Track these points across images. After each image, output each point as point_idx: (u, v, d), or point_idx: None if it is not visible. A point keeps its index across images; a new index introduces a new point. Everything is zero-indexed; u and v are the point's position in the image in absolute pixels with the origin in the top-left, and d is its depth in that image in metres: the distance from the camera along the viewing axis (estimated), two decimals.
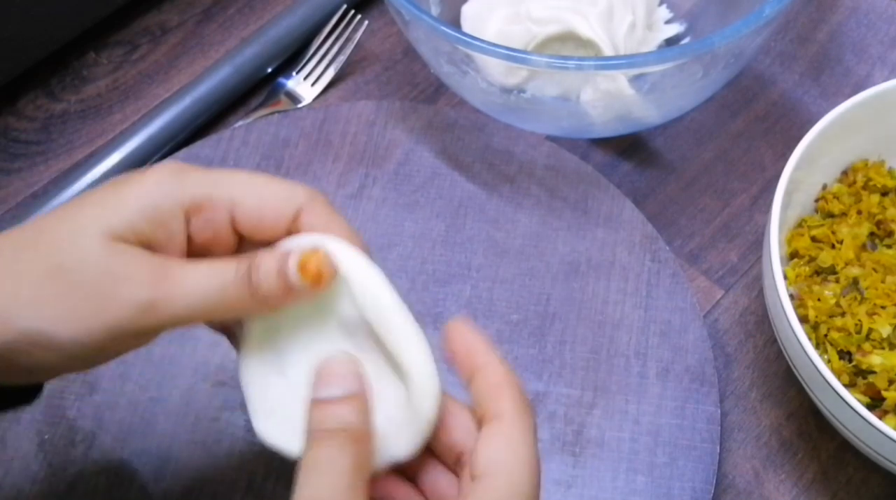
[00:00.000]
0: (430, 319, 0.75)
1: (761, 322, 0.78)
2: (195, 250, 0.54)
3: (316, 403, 0.50)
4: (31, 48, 0.89)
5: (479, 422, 0.51)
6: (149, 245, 0.51)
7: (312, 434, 0.49)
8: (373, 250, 0.76)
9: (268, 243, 0.54)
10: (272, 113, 0.88)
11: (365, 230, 0.78)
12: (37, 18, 0.87)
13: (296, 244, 0.52)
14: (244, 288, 0.51)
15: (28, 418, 0.71)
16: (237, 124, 0.86)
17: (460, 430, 0.52)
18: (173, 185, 0.52)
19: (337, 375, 0.50)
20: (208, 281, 0.50)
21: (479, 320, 0.75)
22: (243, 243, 0.55)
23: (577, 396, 0.72)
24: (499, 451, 0.49)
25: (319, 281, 0.51)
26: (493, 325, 0.75)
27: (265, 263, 0.51)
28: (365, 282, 0.52)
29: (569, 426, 0.71)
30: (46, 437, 0.71)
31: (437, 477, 0.53)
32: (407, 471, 0.53)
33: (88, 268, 0.50)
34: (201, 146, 0.83)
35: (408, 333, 0.52)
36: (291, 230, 0.54)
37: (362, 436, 0.49)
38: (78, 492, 0.69)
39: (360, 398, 0.50)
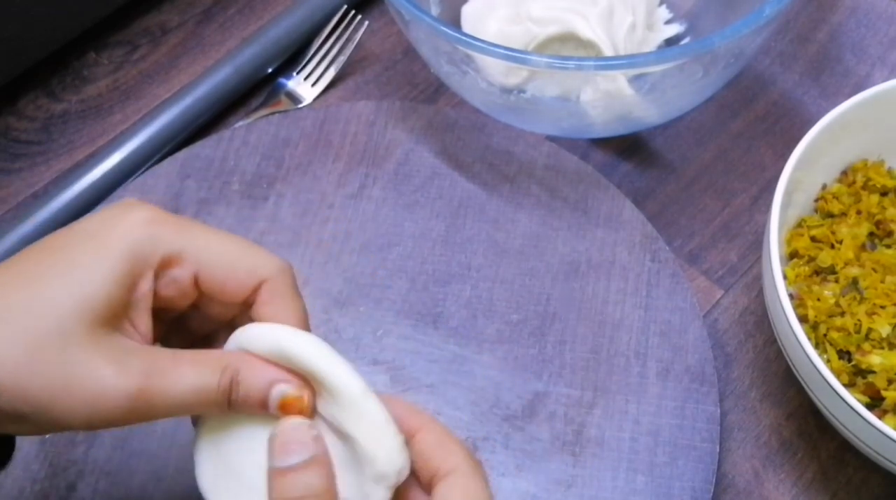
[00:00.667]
0: (430, 319, 0.75)
1: (761, 322, 0.78)
2: (157, 304, 0.53)
3: (277, 472, 0.50)
4: (31, 48, 0.89)
5: (427, 484, 0.51)
6: (123, 307, 0.51)
7: None
8: (373, 250, 0.77)
9: (224, 303, 0.55)
10: (272, 113, 0.88)
11: (365, 230, 0.79)
12: (37, 18, 0.86)
13: (269, 376, 0.52)
14: (222, 399, 0.51)
15: None
16: (237, 124, 0.86)
17: (413, 493, 0.52)
18: (147, 243, 0.52)
19: (294, 441, 0.50)
20: (191, 383, 0.50)
21: (479, 321, 0.75)
22: (201, 297, 0.55)
23: (577, 396, 0.72)
24: None
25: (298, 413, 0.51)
26: (492, 325, 0.75)
27: (247, 384, 0.51)
28: (333, 374, 0.51)
29: (569, 426, 0.71)
30: (47, 437, 0.70)
31: None
32: None
33: (72, 358, 0.49)
34: (202, 146, 0.83)
35: (374, 420, 0.50)
36: (249, 301, 0.54)
37: (327, 499, 0.49)
38: (79, 492, 0.69)
39: (321, 461, 0.50)
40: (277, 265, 0.55)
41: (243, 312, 0.55)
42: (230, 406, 0.51)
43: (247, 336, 0.53)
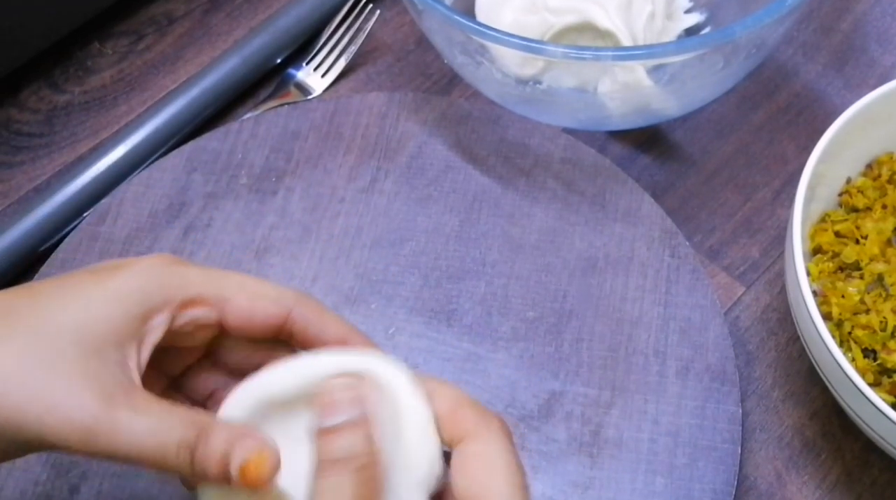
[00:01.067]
0: (443, 316, 0.75)
1: (784, 319, 0.78)
2: (171, 338, 0.54)
3: (320, 432, 0.49)
4: (33, 38, 0.89)
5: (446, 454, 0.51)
6: (127, 338, 0.51)
7: (319, 465, 0.48)
8: (385, 245, 0.76)
9: (253, 339, 0.56)
10: (281, 104, 0.87)
11: (377, 225, 0.78)
12: (40, 8, 0.86)
13: (234, 434, 0.50)
14: (185, 458, 0.50)
15: None
16: (246, 116, 0.86)
17: None
18: (163, 279, 0.53)
19: (339, 402, 0.49)
20: (152, 435, 0.49)
21: (494, 318, 0.75)
22: (220, 336, 0.56)
23: (595, 395, 0.72)
24: (477, 473, 0.49)
25: (256, 486, 0.49)
26: (508, 322, 0.75)
27: (213, 442, 0.50)
28: (379, 372, 0.51)
29: (586, 427, 0.71)
30: None
31: None
32: None
33: (56, 370, 0.49)
34: (209, 139, 0.83)
35: (419, 422, 0.50)
36: (282, 330, 0.55)
37: (371, 464, 0.48)
38: (82, 494, 0.68)
39: (365, 424, 0.49)
40: (299, 293, 0.56)
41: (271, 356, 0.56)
42: (192, 470, 0.50)
43: (267, 379, 0.52)
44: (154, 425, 0.49)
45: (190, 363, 0.58)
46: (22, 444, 0.49)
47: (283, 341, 0.56)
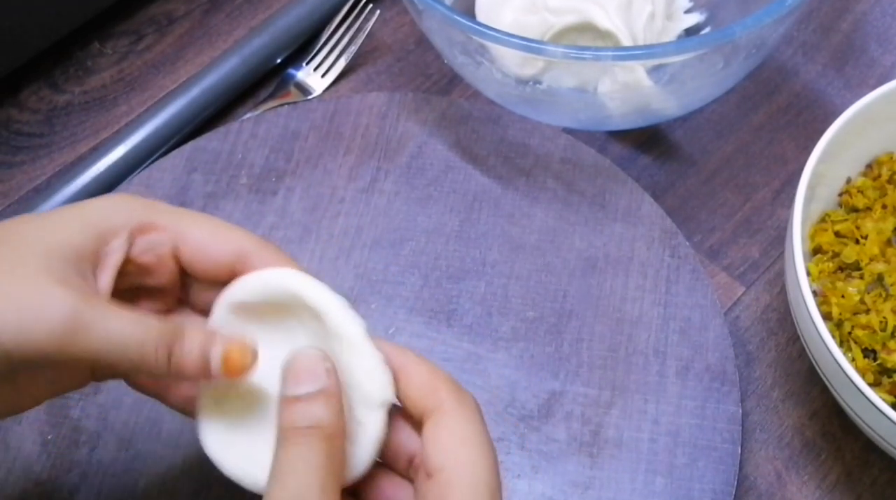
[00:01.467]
0: (443, 316, 0.75)
1: (783, 319, 0.78)
2: (132, 274, 0.54)
3: (286, 400, 0.49)
4: (33, 38, 0.89)
5: (418, 423, 0.52)
6: (88, 259, 0.51)
7: (283, 433, 0.49)
8: (385, 245, 0.76)
9: (210, 283, 0.55)
10: (281, 104, 0.87)
11: (376, 225, 0.78)
12: (40, 8, 0.86)
13: (211, 334, 0.52)
14: (163, 355, 0.50)
15: (31, 418, 0.70)
16: (245, 116, 0.86)
17: (406, 433, 0.53)
18: (122, 204, 0.53)
19: (307, 371, 0.50)
20: (131, 330, 0.50)
21: (494, 318, 0.75)
22: (185, 283, 0.56)
23: (595, 395, 0.71)
24: (448, 443, 0.49)
25: (239, 373, 0.51)
26: (508, 322, 0.74)
27: (189, 340, 0.51)
28: (334, 314, 0.52)
29: (586, 427, 0.70)
30: (49, 438, 0.70)
31: (390, 487, 0.53)
32: (357, 487, 0.53)
33: (23, 273, 0.49)
34: (209, 139, 0.83)
35: (368, 354, 0.52)
36: (236, 272, 0.54)
37: (334, 433, 0.49)
38: (81, 494, 0.68)
39: (331, 393, 0.49)
40: (260, 239, 0.55)
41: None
42: (169, 369, 0.50)
43: (239, 285, 0.54)
44: (132, 322, 0.49)
45: (162, 310, 0.58)
46: None
47: None
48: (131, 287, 0.55)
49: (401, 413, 0.53)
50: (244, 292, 0.53)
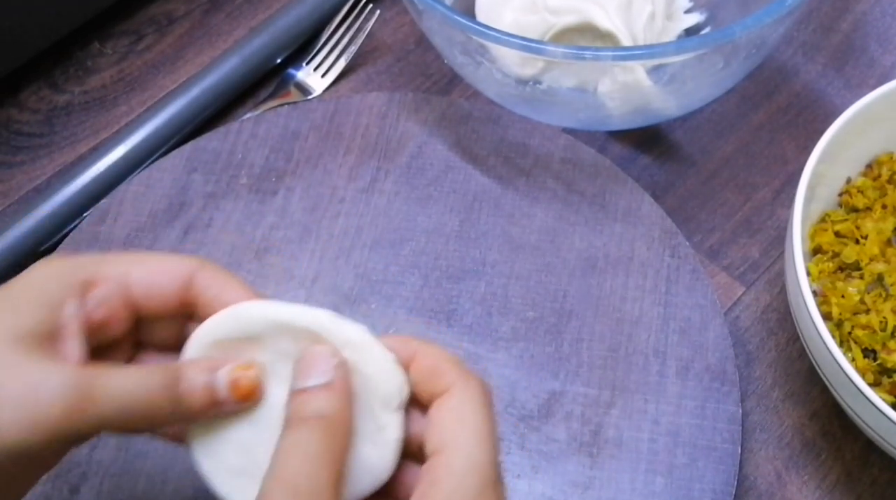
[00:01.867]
0: (443, 316, 0.75)
1: (783, 319, 0.78)
2: (91, 334, 0.53)
3: (294, 393, 0.50)
4: (33, 38, 0.89)
5: (427, 408, 0.51)
6: (50, 335, 0.50)
7: (287, 422, 0.49)
8: (385, 245, 0.76)
9: (165, 318, 0.55)
10: (281, 104, 0.87)
11: (377, 225, 0.78)
12: (40, 8, 0.86)
13: (211, 363, 0.52)
14: (172, 398, 0.50)
15: None
16: (245, 116, 0.86)
17: (417, 420, 0.52)
18: (60, 269, 0.53)
19: (316, 365, 0.50)
20: (135, 384, 0.49)
21: (494, 318, 0.75)
22: (142, 326, 0.55)
23: (595, 395, 0.71)
24: (448, 424, 0.49)
25: (251, 397, 0.51)
26: (508, 322, 0.74)
27: (191, 374, 0.51)
28: (328, 328, 0.52)
29: (586, 426, 0.70)
30: None
31: (407, 475, 0.53)
32: None
33: (8, 373, 0.48)
34: (209, 139, 0.82)
35: (379, 356, 0.52)
36: (185, 300, 0.54)
37: (338, 426, 0.49)
38: (82, 494, 0.68)
39: (339, 388, 0.50)
40: (199, 259, 0.55)
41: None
42: (176, 409, 0.50)
43: (212, 324, 0.53)
44: (133, 376, 0.49)
45: (127, 359, 0.57)
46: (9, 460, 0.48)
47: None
48: (91, 348, 0.54)
49: (412, 401, 0.52)
50: (220, 329, 0.53)
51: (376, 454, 0.51)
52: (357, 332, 0.51)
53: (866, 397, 0.61)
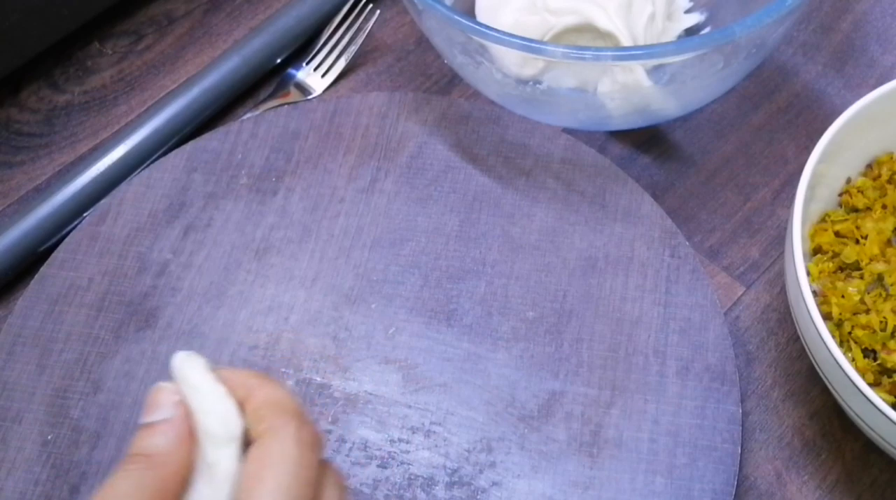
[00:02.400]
0: (443, 316, 0.75)
1: (783, 319, 0.77)
2: None
3: (139, 427, 0.51)
4: (33, 39, 0.88)
5: None
6: None
7: (129, 457, 0.50)
8: (385, 245, 0.76)
9: None
10: (281, 105, 0.87)
11: (377, 225, 0.78)
12: (39, 8, 0.86)
13: None
14: None
15: (31, 418, 0.70)
16: (245, 116, 0.86)
17: None
18: None
19: (156, 403, 0.51)
20: None
21: (494, 318, 0.74)
22: None
23: (595, 395, 0.71)
24: (249, 473, 0.49)
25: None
26: (508, 322, 0.74)
27: None
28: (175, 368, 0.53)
29: (586, 426, 0.70)
30: (50, 438, 0.70)
31: None
32: None
33: None
34: (209, 139, 0.82)
35: (208, 392, 0.52)
36: None
37: (163, 461, 0.50)
38: (82, 495, 0.68)
39: (173, 424, 0.51)
40: None
41: None
42: None
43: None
44: None
45: None
46: None
47: None
48: None
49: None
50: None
51: (208, 493, 0.51)
52: (189, 370, 0.52)
53: (866, 397, 0.61)
